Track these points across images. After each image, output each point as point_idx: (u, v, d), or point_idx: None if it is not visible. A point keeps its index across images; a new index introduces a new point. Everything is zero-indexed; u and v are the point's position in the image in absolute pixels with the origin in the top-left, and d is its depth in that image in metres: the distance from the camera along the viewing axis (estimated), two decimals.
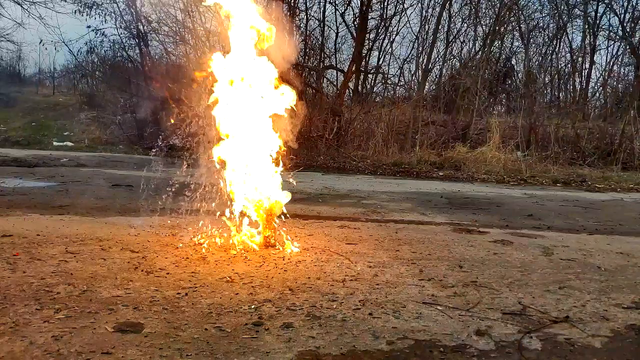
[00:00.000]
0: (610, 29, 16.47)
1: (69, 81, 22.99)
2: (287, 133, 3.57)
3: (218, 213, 3.58)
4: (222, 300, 2.39)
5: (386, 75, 16.53)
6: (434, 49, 14.66)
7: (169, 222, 4.21)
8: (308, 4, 14.01)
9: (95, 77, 17.17)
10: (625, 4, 15.90)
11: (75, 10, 12.64)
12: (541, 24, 16.00)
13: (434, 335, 2.11)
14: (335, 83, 15.43)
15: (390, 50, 16.23)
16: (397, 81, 16.76)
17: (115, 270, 2.79)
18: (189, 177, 3.54)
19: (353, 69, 14.49)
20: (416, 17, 21.96)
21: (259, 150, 3.54)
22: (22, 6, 14.86)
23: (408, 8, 15.69)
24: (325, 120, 12.49)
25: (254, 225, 3.53)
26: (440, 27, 14.48)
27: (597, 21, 16.19)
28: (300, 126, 3.61)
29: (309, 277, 2.84)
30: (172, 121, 3.52)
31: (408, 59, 16.31)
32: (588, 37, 16.13)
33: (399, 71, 16.75)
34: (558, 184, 10.08)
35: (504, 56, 16.62)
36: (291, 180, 3.70)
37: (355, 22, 14.93)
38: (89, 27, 12.85)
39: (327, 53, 15.43)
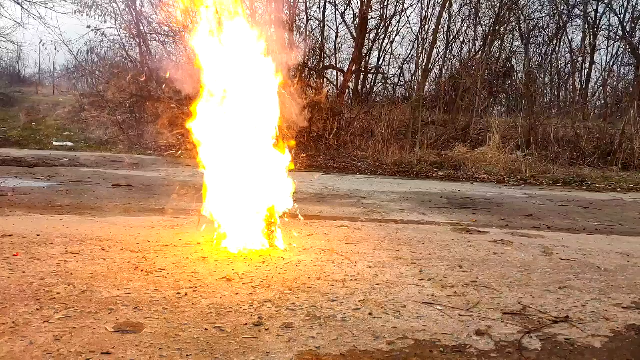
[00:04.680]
0: (610, 29, 16.49)
1: (69, 81, 23.02)
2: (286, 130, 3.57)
3: (218, 213, 3.58)
4: (222, 300, 2.40)
5: (386, 75, 16.51)
6: (434, 49, 14.63)
7: (169, 222, 4.22)
8: (308, 4, 14.02)
9: (95, 77, 17.17)
10: (625, 4, 15.92)
11: (75, 10, 12.66)
12: (541, 24, 16.00)
13: (434, 335, 2.11)
14: (335, 83, 15.42)
15: (390, 50, 16.20)
16: (397, 81, 16.75)
17: (115, 270, 2.79)
18: (189, 177, 3.54)
19: (353, 69, 14.49)
20: (416, 17, 22.00)
21: (259, 149, 3.54)
22: (22, 6, 14.89)
23: (408, 8, 15.69)
24: (325, 120, 12.48)
25: (254, 225, 3.53)
26: (440, 27, 14.46)
27: (597, 21, 16.20)
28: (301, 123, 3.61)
29: (309, 277, 2.84)
30: (172, 121, 3.53)
31: (408, 59, 16.30)
32: (588, 37, 16.14)
33: (399, 71, 16.73)
34: (558, 184, 10.08)
35: (504, 56, 16.60)
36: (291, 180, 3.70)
37: (355, 22, 14.93)
38: (89, 27, 12.88)
39: (327, 53, 15.43)
